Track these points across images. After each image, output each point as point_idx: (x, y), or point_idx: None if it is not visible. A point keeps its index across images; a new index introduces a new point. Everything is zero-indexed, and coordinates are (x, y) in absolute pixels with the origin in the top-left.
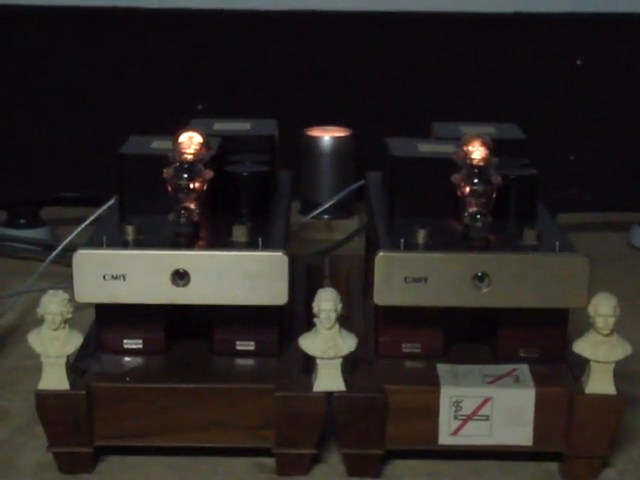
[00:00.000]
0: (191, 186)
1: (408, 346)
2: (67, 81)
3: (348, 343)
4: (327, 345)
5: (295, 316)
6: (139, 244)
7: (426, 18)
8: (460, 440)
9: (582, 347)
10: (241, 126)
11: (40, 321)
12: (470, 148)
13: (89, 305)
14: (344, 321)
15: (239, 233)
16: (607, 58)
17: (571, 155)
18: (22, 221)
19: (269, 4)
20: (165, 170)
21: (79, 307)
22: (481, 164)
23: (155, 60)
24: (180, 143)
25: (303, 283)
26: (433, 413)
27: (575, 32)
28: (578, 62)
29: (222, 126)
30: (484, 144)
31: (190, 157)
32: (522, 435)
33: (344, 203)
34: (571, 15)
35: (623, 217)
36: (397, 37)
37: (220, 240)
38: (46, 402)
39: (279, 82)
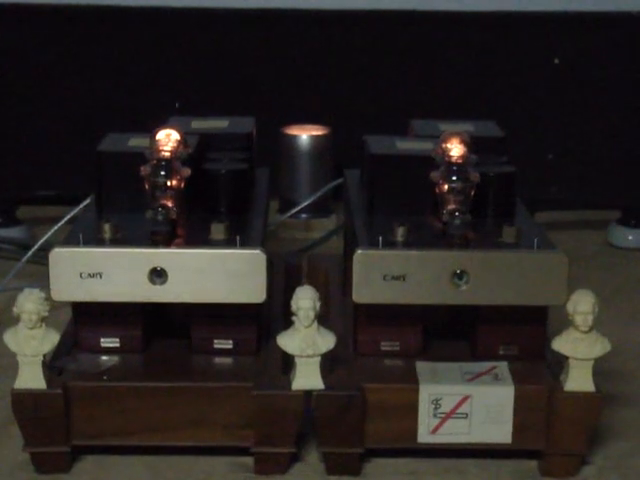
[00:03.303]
0: (168, 184)
1: (387, 344)
2: (43, 78)
3: (327, 341)
4: (305, 343)
5: (273, 315)
6: (116, 242)
7: (404, 16)
8: (439, 438)
9: (561, 344)
10: (219, 124)
11: (16, 320)
12: (449, 145)
13: (66, 304)
14: (323, 319)
15: (217, 231)
16: (585, 57)
17: (549, 154)
18: None
19: (247, 3)
20: (142, 168)
21: (56, 306)
22: (460, 161)
23: (132, 58)
24: (158, 140)
25: (281, 282)
26: (412, 411)
27: (553, 31)
28: (556, 61)
29: (200, 124)
30: (463, 141)
31: (167, 154)
32: (501, 433)
33: (322, 202)
34: (549, 14)
35: (601, 215)
36: (375, 35)
37: (198, 238)
38: (22, 401)
39: (256, 80)
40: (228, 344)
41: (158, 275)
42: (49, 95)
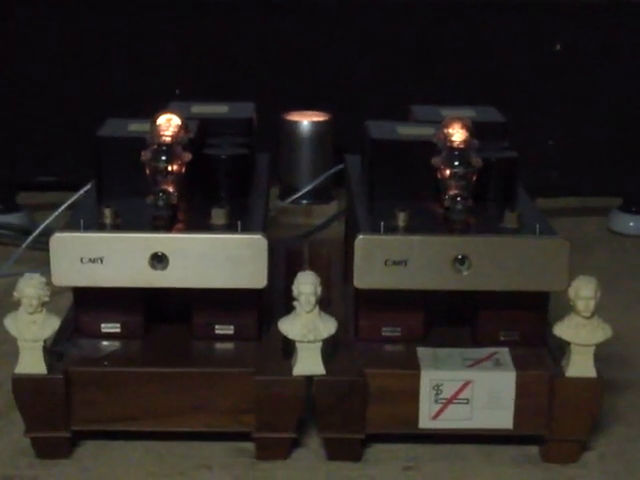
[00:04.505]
0: (169, 169)
1: (388, 329)
2: (43, 64)
3: (328, 326)
4: (307, 328)
5: (274, 300)
6: (117, 227)
7: (405, 2)
8: (440, 424)
9: (563, 330)
10: (219, 109)
11: (17, 305)
12: (450, 130)
13: (66, 289)
14: (324, 305)
15: (218, 216)
16: (586, 43)
17: (550, 140)
18: None
19: None
20: (143, 153)
21: (56, 291)
22: (461, 147)
23: (132, 43)
24: (158, 125)
25: (283, 268)
26: (413, 397)
27: (554, 17)
28: (557, 47)
29: (200, 109)
30: (464, 126)
31: (168, 139)
32: (503, 418)
33: (323, 188)
34: (550, 0)
35: (602, 202)
36: (375, 21)
37: (199, 223)
38: (23, 387)
39: (257, 66)
40: (229, 329)
41: (159, 260)
42: (49, 81)
